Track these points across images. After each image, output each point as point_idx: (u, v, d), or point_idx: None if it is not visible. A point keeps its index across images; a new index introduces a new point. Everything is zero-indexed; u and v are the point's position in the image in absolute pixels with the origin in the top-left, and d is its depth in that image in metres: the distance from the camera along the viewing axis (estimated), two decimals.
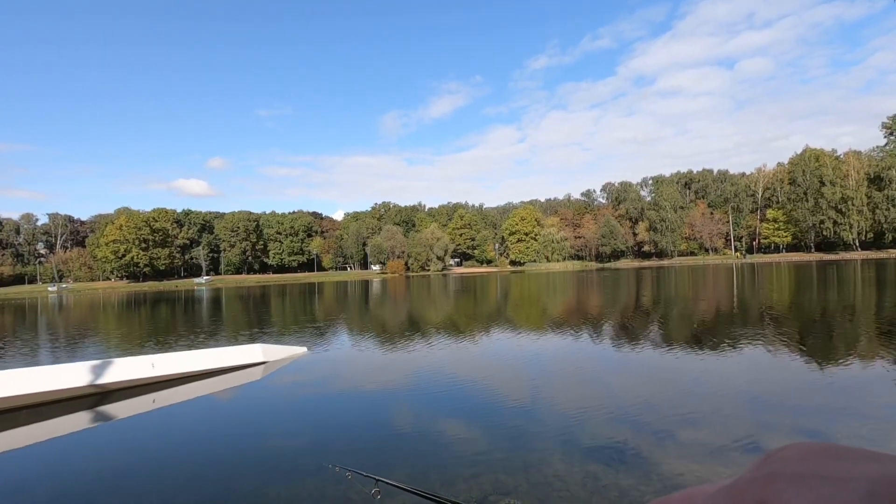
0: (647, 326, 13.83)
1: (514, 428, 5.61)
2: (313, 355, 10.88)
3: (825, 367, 8.06)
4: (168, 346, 12.63)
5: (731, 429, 5.26)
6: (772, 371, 7.90)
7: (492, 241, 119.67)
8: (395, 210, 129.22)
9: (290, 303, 31.93)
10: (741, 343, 10.25)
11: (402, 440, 5.41)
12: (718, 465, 4.33)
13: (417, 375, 8.70)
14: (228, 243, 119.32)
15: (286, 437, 5.75)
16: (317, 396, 7.64)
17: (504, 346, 11.61)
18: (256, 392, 8.24)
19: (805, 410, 5.95)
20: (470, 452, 4.90)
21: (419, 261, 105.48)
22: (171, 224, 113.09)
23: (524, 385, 7.66)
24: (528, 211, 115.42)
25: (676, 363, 8.78)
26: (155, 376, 8.51)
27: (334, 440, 5.56)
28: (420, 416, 6.35)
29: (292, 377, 9.00)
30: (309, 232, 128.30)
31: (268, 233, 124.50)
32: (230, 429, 6.25)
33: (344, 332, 15.94)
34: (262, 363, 9.77)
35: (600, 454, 4.70)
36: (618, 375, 8.20)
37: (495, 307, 23.40)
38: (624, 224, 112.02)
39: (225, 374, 9.10)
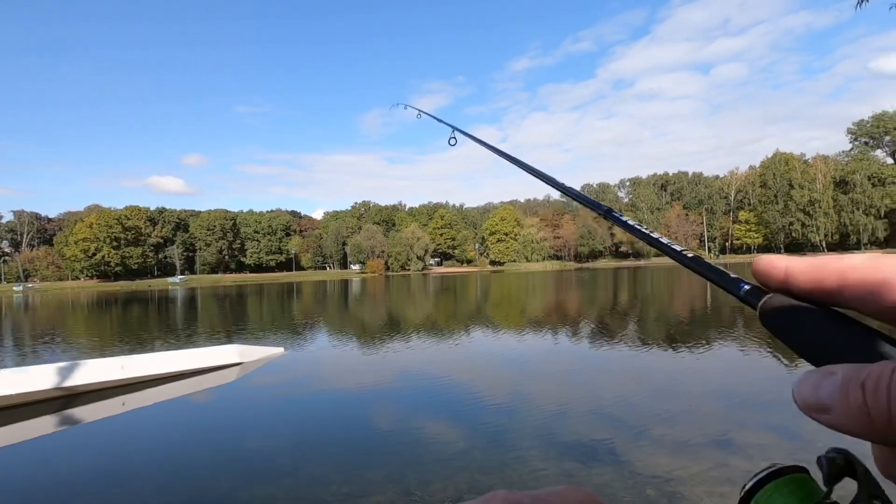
0: (625, 326, 14.05)
1: (492, 426, 5.63)
2: (291, 356, 10.73)
3: (794, 364, 8.32)
4: (139, 348, 12.30)
5: (704, 426, 5.38)
6: (744, 369, 8.12)
7: (472, 240, 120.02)
8: (375, 209, 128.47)
9: (267, 303, 31.46)
10: (715, 342, 10.50)
11: (380, 440, 5.38)
12: (690, 462, 4.42)
13: (396, 375, 8.67)
14: (204, 242, 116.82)
15: (262, 438, 5.65)
16: (294, 397, 7.54)
17: (484, 346, 11.65)
18: (231, 393, 8.09)
19: (775, 408, 6.11)
20: (448, 452, 4.90)
21: (399, 260, 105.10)
22: (144, 222, 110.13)
23: (504, 384, 7.69)
24: (509, 211, 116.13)
25: (653, 361, 8.94)
26: (125, 378, 8.27)
27: (311, 441, 5.49)
28: (398, 415, 6.32)
29: (269, 378, 8.86)
30: (287, 231, 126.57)
31: (245, 231, 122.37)
32: (204, 431, 6.12)
33: (322, 332, 15.77)
34: (237, 364, 9.59)
35: (576, 452, 4.75)
36: (596, 373, 8.31)
37: (475, 307, 23.47)
38: (602, 225, 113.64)
39: (199, 376, 8.90)
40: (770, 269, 0.29)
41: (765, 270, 0.29)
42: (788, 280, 0.28)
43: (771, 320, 0.28)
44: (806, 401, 0.23)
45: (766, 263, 0.29)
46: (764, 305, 0.28)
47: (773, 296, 0.28)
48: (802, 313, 0.27)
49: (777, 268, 0.28)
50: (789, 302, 0.28)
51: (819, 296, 0.27)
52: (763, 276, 0.29)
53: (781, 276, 0.28)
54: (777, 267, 0.28)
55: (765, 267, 0.29)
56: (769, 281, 0.29)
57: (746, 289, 0.30)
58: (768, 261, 0.29)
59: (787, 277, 0.28)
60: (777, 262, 0.28)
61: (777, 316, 0.28)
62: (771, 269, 0.29)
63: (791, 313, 0.27)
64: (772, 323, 0.28)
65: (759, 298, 0.29)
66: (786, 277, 0.28)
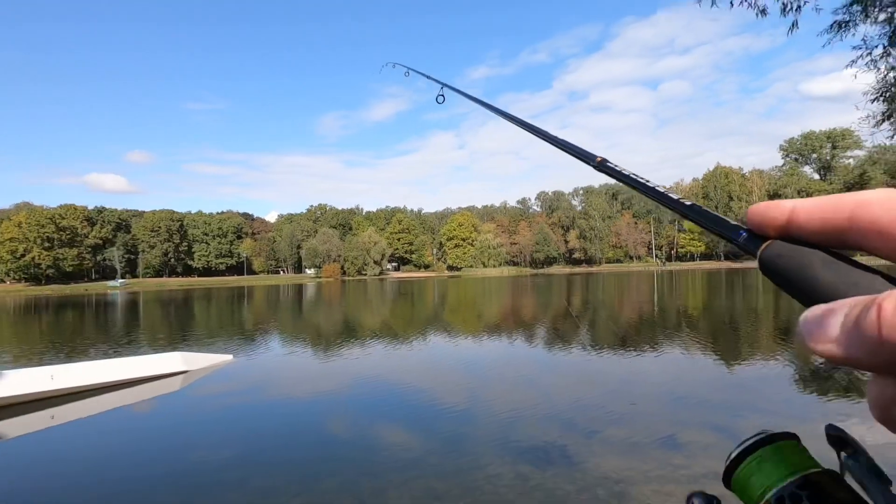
0: (578, 330, 14.44)
1: (448, 432, 5.62)
2: (240, 363, 10.33)
3: (732, 365, 8.81)
4: (72, 356, 11.49)
5: (651, 426, 5.58)
6: (688, 371, 8.51)
7: (430, 245, 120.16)
8: (331, 213, 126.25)
9: (216, 308, 30.20)
10: (662, 345, 10.96)
11: (333, 449, 5.26)
12: (638, 462, 4.57)
13: (351, 382, 8.51)
14: (148, 244, 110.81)
15: (208, 450, 5.39)
16: (243, 406, 7.25)
17: (440, 351, 11.65)
18: (175, 403, 7.68)
19: (716, 407, 6.44)
20: (403, 459, 4.84)
21: (356, 265, 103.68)
22: (81, 222, 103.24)
23: (460, 389, 7.71)
24: (466, 217, 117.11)
25: (604, 365, 9.22)
26: (54, 389, 7.69)
27: (260, 451, 5.29)
28: (352, 423, 6.20)
29: (216, 387, 8.49)
30: (239, 233, 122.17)
31: (193, 233, 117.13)
32: (143, 445, 5.77)
33: (274, 338, 15.29)
34: (182, 372, 9.13)
35: (530, 455, 4.81)
36: (550, 377, 8.48)
37: (433, 312, 23.46)
38: (556, 232, 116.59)
39: (139, 386, 8.40)
40: (770, 213, 0.28)
41: (763, 215, 0.28)
42: (791, 223, 0.27)
43: (771, 268, 0.27)
44: (812, 331, 0.23)
45: (766, 207, 0.28)
46: (764, 253, 0.27)
47: (774, 242, 0.27)
48: (806, 258, 0.26)
49: (780, 210, 0.27)
50: (791, 247, 0.26)
51: (825, 238, 0.26)
52: (762, 221, 0.28)
53: (783, 220, 0.27)
54: (780, 209, 0.27)
55: (763, 211, 0.28)
56: (769, 226, 0.28)
57: (745, 236, 0.29)
58: (768, 205, 0.28)
59: (791, 220, 0.27)
60: (780, 204, 0.28)
61: (778, 263, 0.27)
62: (772, 214, 0.28)
63: (793, 259, 0.26)
64: (772, 271, 0.27)
65: (758, 246, 0.28)
66: (788, 221, 0.27)
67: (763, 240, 0.28)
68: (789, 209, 0.27)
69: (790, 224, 0.27)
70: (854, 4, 6.83)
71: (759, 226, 0.28)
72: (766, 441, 0.32)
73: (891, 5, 6.68)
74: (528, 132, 0.77)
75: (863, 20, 6.92)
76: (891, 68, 7.30)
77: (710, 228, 0.32)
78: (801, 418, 5.69)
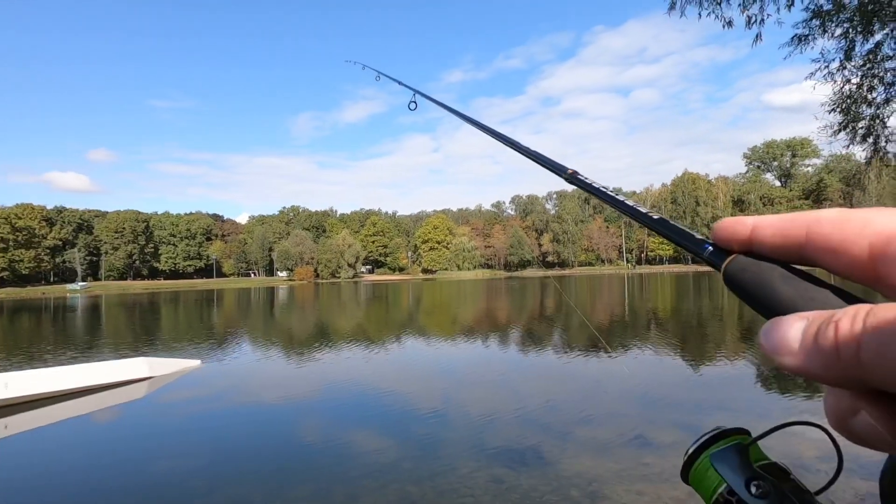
0: (551, 332, 14.60)
1: (423, 436, 5.59)
2: (208, 368, 10.04)
3: (700, 366, 9.06)
4: (28, 363, 10.95)
5: (621, 426, 5.68)
6: (657, 372, 8.70)
7: (404, 248, 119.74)
8: (304, 214, 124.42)
9: (183, 312, 29.32)
10: (632, 346, 11.18)
11: (306, 455, 5.15)
12: (610, 462, 4.64)
13: (323, 387, 8.38)
14: (111, 245, 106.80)
15: (174, 459, 5.21)
16: (211, 412, 7.04)
17: (415, 355, 11.59)
18: (138, 411, 7.40)
19: (684, 407, 6.60)
20: (377, 464, 4.79)
21: (329, 268, 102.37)
22: (39, 222, 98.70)
23: (435, 393, 7.68)
24: (441, 220, 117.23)
25: (577, 367, 9.34)
26: (9, 398, 7.30)
27: (229, 459, 5.15)
28: (326, 429, 6.10)
29: (183, 393, 8.22)
30: (208, 235, 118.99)
31: (159, 235, 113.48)
32: (105, 455, 5.54)
33: (244, 342, 14.93)
34: (146, 378, 8.81)
35: (505, 457, 4.83)
36: (524, 380, 8.53)
37: (407, 315, 23.35)
38: (530, 235, 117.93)
39: (100, 393, 8.06)
40: (734, 229, 0.29)
41: (728, 231, 0.29)
42: (753, 239, 0.28)
43: (735, 281, 0.28)
44: (773, 344, 0.24)
45: (730, 224, 0.29)
46: (728, 267, 0.28)
47: (737, 257, 0.28)
48: (765, 272, 0.27)
49: (743, 227, 0.28)
50: (753, 262, 0.27)
51: (784, 254, 0.27)
52: (726, 236, 0.29)
53: (746, 236, 0.28)
54: (743, 225, 0.28)
55: (728, 227, 0.29)
56: (732, 241, 0.29)
57: (710, 250, 0.30)
58: (733, 221, 0.29)
59: (753, 236, 0.28)
60: (743, 220, 0.28)
61: (741, 277, 0.27)
62: (735, 230, 0.28)
63: (755, 274, 0.27)
64: (735, 284, 0.28)
65: (722, 260, 0.29)
66: (751, 236, 0.28)
67: (727, 254, 0.29)
68: (751, 225, 0.28)
69: (752, 240, 0.28)
70: (813, 19, 7.15)
71: (724, 241, 0.29)
72: (720, 436, 0.33)
73: (846, 21, 7.02)
74: (501, 143, 0.76)
75: (821, 34, 7.25)
76: (846, 81, 7.66)
77: (677, 242, 0.33)
78: (763, 416, 5.88)
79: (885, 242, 0.22)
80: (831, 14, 7.00)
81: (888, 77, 7.36)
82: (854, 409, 0.22)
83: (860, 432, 0.22)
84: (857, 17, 6.84)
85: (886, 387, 0.20)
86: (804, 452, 4.40)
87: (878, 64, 7.28)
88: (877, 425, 0.22)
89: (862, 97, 7.69)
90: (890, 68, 7.31)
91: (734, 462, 0.31)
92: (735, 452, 0.32)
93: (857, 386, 0.21)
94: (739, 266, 0.28)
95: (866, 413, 0.22)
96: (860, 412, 0.22)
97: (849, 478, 3.83)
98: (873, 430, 0.22)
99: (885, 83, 7.42)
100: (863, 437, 0.22)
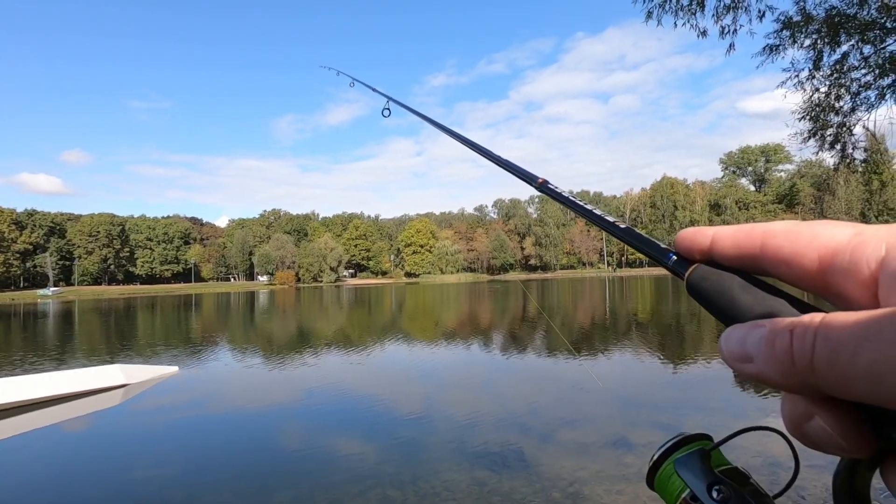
0: (533, 335, 14.71)
1: (405, 440, 5.58)
2: (186, 375, 9.86)
3: (678, 367, 9.24)
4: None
5: (602, 428, 5.76)
6: (637, 373, 8.84)
7: (387, 252, 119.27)
8: (286, 218, 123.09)
9: (160, 317, 28.69)
10: (613, 348, 11.34)
11: (286, 461, 5.10)
12: (590, 463, 4.70)
13: (304, 392, 8.30)
14: (85, 250, 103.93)
15: (150, 468, 5.10)
16: (189, 420, 6.91)
17: (398, 358, 11.56)
18: (113, 420, 7.22)
19: (662, 407, 6.72)
20: (359, 469, 4.76)
21: (311, 272, 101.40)
22: (8, 226, 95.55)
23: (418, 396, 7.67)
24: (424, 223, 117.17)
25: (558, 369, 9.43)
26: None
27: (207, 467, 5.06)
28: (306, 435, 6.05)
29: (160, 400, 8.05)
30: (186, 239, 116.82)
31: (136, 239, 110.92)
32: (78, 465, 5.39)
33: (223, 348, 14.69)
34: (122, 386, 8.60)
35: (487, 460, 4.85)
36: (507, 382, 8.58)
37: (390, 319, 23.26)
38: (513, 238, 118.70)
39: (73, 401, 7.84)
40: (695, 239, 0.30)
41: (690, 241, 0.30)
42: (713, 249, 0.29)
43: (696, 290, 0.29)
44: (732, 351, 0.25)
45: (692, 234, 0.30)
46: (690, 276, 0.29)
47: (698, 266, 0.29)
48: (725, 281, 0.28)
49: (703, 237, 0.29)
50: (713, 271, 0.29)
51: (742, 263, 0.28)
52: (688, 246, 0.30)
53: (706, 246, 0.29)
54: (704, 236, 0.29)
55: (690, 237, 0.30)
56: (694, 251, 0.30)
57: (674, 259, 0.31)
58: (694, 231, 0.30)
59: (713, 246, 0.29)
60: (703, 231, 0.30)
61: (702, 285, 0.29)
62: (696, 240, 0.30)
63: (715, 283, 0.28)
64: (697, 292, 0.29)
65: (685, 269, 0.30)
66: (711, 247, 0.29)
67: (690, 263, 0.30)
68: (711, 236, 0.29)
69: (712, 250, 0.29)
70: (783, 30, 7.40)
71: (686, 250, 0.30)
72: (683, 442, 0.34)
73: (815, 33, 7.28)
74: (473, 151, 0.76)
75: (791, 45, 7.50)
76: (815, 90, 7.94)
77: (643, 251, 0.34)
78: (738, 415, 6.03)
79: (832, 255, 0.24)
80: (800, 25, 7.25)
81: (854, 87, 7.65)
82: (809, 414, 0.23)
83: (815, 437, 0.23)
84: (824, 29, 7.10)
85: (838, 393, 0.21)
86: (764, 456, 4.52)
87: (844, 74, 7.56)
88: (830, 430, 0.22)
89: (830, 106, 7.97)
90: (855, 78, 7.61)
91: (696, 468, 0.32)
92: (697, 458, 0.33)
93: (811, 392, 0.23)
94: (701, 275, 0.29)
95: (820, 418, 0.23)
96: (815, 417, 0.23)
97: (807, 480, 3.95)
98: (827, 434, 0.23)
99: (852, 93, 7.71)
100: (817, 441, 0.23)
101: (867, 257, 0.22)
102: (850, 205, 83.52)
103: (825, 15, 7.01)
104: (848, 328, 0.20)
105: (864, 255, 0.22)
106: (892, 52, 7.09)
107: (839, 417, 0.22)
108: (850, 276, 0.23)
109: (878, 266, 0.22)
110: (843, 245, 0.23)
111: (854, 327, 0.20)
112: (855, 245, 0.23)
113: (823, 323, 0.21)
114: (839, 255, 0.23)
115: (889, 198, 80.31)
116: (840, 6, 6.90)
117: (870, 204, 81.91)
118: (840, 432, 0.22)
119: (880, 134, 8.15)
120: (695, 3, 7.04)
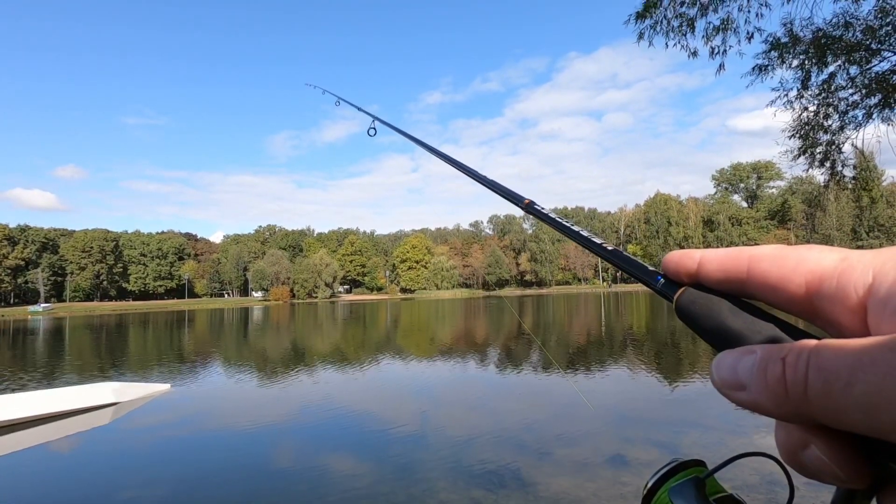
0: (529, 352, 14.64)
1: (400, 458, 5.50)
2: (178, 393, 9.72)
3: (674, 384, 9.20)
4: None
5: (599, 445, 5.71)
6: (633, 390, 8.80)
7: (382, 268, 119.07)
8: (281, 234, 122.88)
9: (153, 334, 28.38)
10: (608, 365, 11.29)
11: (279, 481, 5.01)
12: (587, 481, 4.65)
13: (299, 410, 8.19)
14: (78, 266, 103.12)
15: (139, 488, 5.00)
16: (182, 438, 6.80)
17: (393, 376, 11.46)
18: (103, 439, 7.08)
19: (659, 425, 6.68)
20: (352, 489, 4.68)
21: (306, 287, 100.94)
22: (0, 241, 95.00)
23: (413, 414, 7.59)
24: (419, 239, 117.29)
25: (554, 386, 9.37)
26: None
27: (199, 488, 4.96)
28: (300, 453, 5.95)
29: (151, 419, 7.92)
30: (180, 254, 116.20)
31: (129, 254, 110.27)
32: (66, 486, 5.27)
33: (216, 365, 14.52)
34: (112, 404, 8.46)
35: (483, 479, 4.78)
36: (502, 400, 8.51)
37: (385, 336, 23.11)
38: (508, 254, 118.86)
39: (63, 420, 7.70)
40: (682, 262, 0.29)
41: (677, 264, 0.30)
42: (700, 272, 0.29)
43: (685, 313, 0.29)
44: (724, 378, 0.24)
45: (679, 257, 0.30)
46: (679, 299, 0.29)
47: (687, 289, 0.29)
48: (714, 305, 0.27)
49: (691, 260, 0.29)
50: (702, 295, 0.28)
51: (729, 287, 0.27)
52: (676, 269, 0.30)
53: (694, 269, 0.29)
54: (691, 258, 0.29)
55: (677, 260, 0.30)
56: (682, 274, 0.29)
57: (662, 281, 0.31)
58: (681, 254, 0.30)
59: (700, 269, 0.28)
60: (691, 254, 0.29)
61: (691, 309, 0.28)
62: (684, 262, 0.29)
63: (703, 305, 0.28)
64: (686, 316, 0.29)
65: (674, 291, 0.30)
66: (698, 270, 0.29)
67: (678, 286, 0.30)
68: (698, 259, 0.29)
69: (699, 273, 0.29)
70: (772, 51, 7.57)
71: (674, 273, 0.30)
72: (677, 469, 0.34)
73: (802, 53, 7.46)
74: (460, 171, 0.76)
75: (779, 65, 7.68)
76: (804, 108, 8.09)
77: (630, 272, 0.34)
78: (734, 433, 6.00)
79: (819, 280, 0.23)
80: (788, 46, 7.43)
81: (842, 106, 7.81)
82: (804, 442, 0.23)
83: (810, 466, 0.23)
84: (811, 50, 7.28)
85: (833, 423, 0.21)
86: (762, 474, 4.49)
87: (832, 93, 7.73)
88: (825, 459, 0.22)
89: (819, 124, 8.12)
90: (843, 98, 7.77)
91: (691, 496, 0.32)
92: (692, 486, 0.32)
93: (806, 421, 0.22)
94: (689, 298, 0.29)
95: (815, 447, 0.22)
96: (810, 446, 0.23)
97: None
98: (822, 463, 0.22)
99: (839, 111, 7.87)
100: (813, 470, 0.23)
101: (854, 283, 0.22)
102: (841, 221, 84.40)
103: (812, 36, 7.19)
104: (841, 358, 0.20)
105: (850, 281, 0.22)
106: (877, 73, 7.27)
107: (835, 447, 0.22)
108: (837, 303, 0.23)
109: (865, 292, 0.22)
110: (830, 271, 0.23)
111: (847, 357, 0.20)
112: (842, 271, 0.23)
113: (815, 351, 0.21)
114: (826, 281, 0.23)
115: (879, 214, 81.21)
116: (826, 28, 7.09)
117: (860, 220, 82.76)
118: (836, 462, 0.22)
119: (869, 151, 8.30)
120: (685, 25, 7.21)
